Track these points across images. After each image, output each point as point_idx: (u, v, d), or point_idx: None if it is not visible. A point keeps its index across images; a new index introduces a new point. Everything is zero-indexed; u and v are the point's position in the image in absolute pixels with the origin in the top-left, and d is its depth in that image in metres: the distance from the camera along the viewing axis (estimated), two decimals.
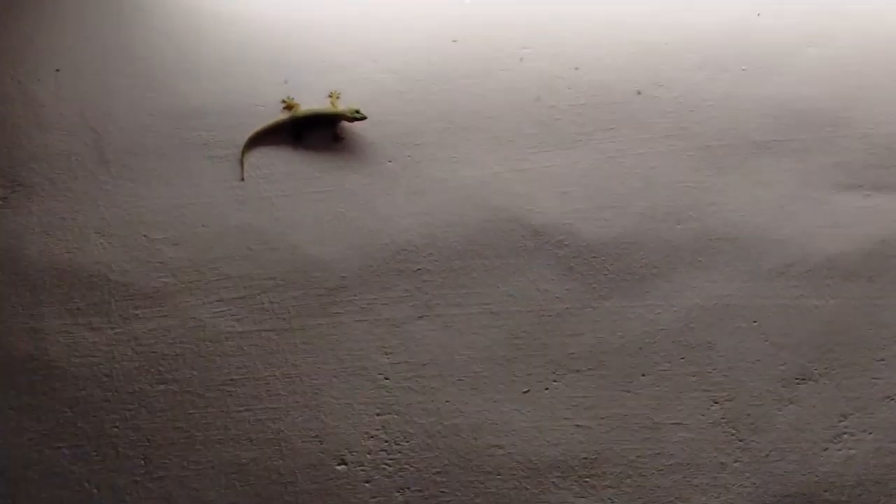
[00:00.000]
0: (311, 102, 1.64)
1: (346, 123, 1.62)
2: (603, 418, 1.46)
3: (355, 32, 1.71)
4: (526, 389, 1.48)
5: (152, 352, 1.53)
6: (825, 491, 1.42)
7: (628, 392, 1.47)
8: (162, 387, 1.51)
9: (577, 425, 1.46)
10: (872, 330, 1.47)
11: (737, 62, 1.63)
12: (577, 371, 1.48)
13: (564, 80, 1.64)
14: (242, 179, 1.60)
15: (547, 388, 1.48)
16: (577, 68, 1.64)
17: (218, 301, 1.55)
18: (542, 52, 1.66)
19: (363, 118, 1.60)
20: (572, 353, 1.49)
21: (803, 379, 1.47)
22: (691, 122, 1.59)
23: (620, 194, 1.56)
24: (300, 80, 1.67)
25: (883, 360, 1.47)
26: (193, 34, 1.72)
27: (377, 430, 1.47)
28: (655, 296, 1.51)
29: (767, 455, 1.45)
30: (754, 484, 1.43)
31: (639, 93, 1.62)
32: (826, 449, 1.44)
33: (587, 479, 1.43)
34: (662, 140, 1.58)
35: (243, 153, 1.61)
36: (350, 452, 1.47)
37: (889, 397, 1.45)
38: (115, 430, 1.50)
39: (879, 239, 1.51)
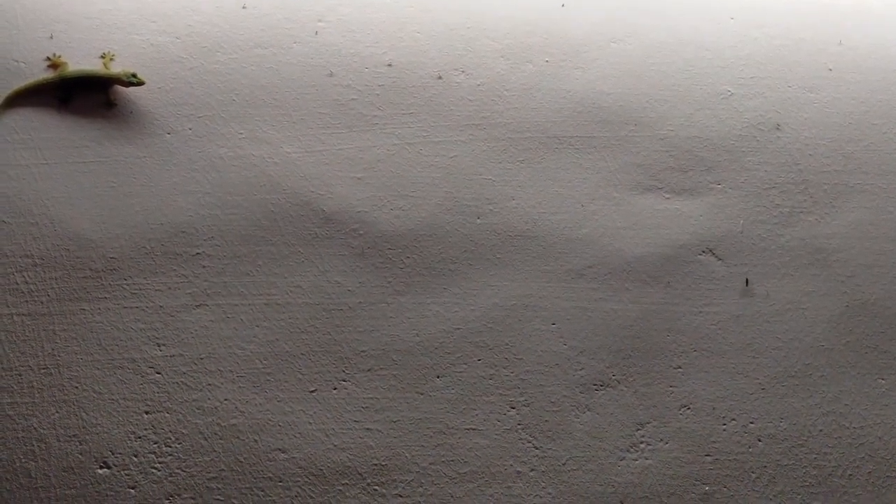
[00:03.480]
0: (81, 62, 2.40)
1: (120, 88, 2.40)
2: (395, 422, 2.29)
3: None
4: (313, 389, 2.29)
5: None
6: (620, 502, 2.42)
7: (422, 394, 2.32)
8: None
9: (367, 429, 2.28)
10: (670, 336, 2.43)
11: (540, 53, 2.58)
12: (369, 370, 2.32)
13: (362, 58, 2.52)
14: None
15: (335, 388, 2.30)
16: (375, 47, 2.54)
17: None
18: (339, 26, 2.54)
19: (140, 83, 2.38)
20: (364, 351, 2.33)
21: (601, 385, 2.42)
22: (492, 112, 2.51)
23: (418, 183, 2.44)
24: (68, 36, 2.43)
25: (680, 367, 2.42)
26: None
27: (145, 429, 2.22)
28: (453, 293, 2.39)
29: (564, 464, 2.37)
30: (550, 494, 2.35)
31: (439, 77, 2.53)
32: (622, 458, 2.40)
33: (376, 487, 2.24)
34: (463, 129, 2.49)
35: None
36: (113, 454, 2.20)
37: (685, 406, 2.43)
38: None
39: (678, 244, 2.49)
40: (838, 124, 2.66)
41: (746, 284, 2.52)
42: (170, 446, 2.26)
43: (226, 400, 2.30)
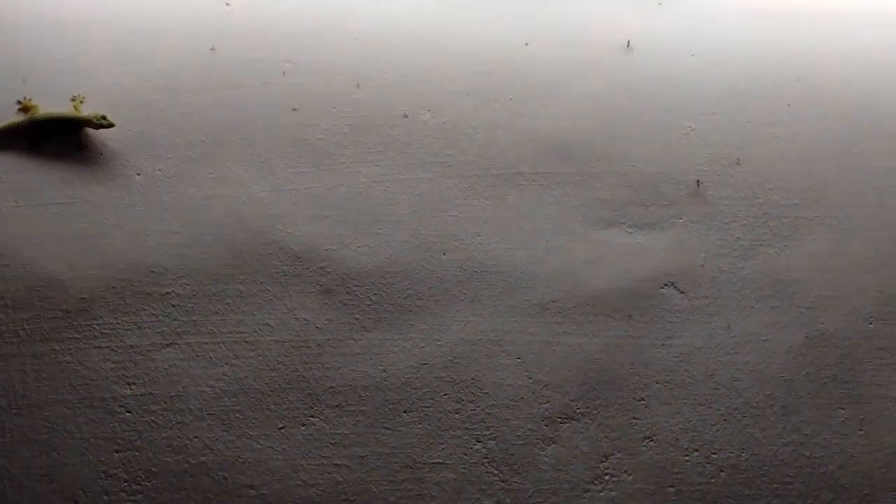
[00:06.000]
0: (52, 105, 2.48)
1: (90, 130, 2.47)
2: (363, 457, 2.36)
3: (103, 32, 2.58)
4: (281, 425, 2.35)
5: None
6: None
7: (390, 429, 2.39)
8: None
9: (336, 464, 2.35)
10: (633, 369, 2.49)
11: (504, 91, 2.67)
12: (337, 406, 2.39)
13: (328, 97, 2.61)
14: None
15: (304, 424, 2.37)
16: (342, 87, 2.62)
17: None
18: (306, 66, 2.63)
19: (110, 125, 2.45)
20: (331, 388, 2.40)
21: (566, 418, 2.50)
22: (458, 150, 2.60)
23: (384, 221, 2.52)
24: (40, 80, 2.51)
25: (643, 400, 2.50)
26: None
27: (116, 468, 2.28)
28: (420, 329, 2.46)
29: (530, 496, 2.43)
30: None
31: (405, 116, 2.62)
32: (587, 491, 2.47)
33: None
34: (428, 167, 2.57)
35: None
36: (84, 493, 2.26)
37: (649, 437, 2.51)
38: None
39: (640, 277, 2.57)
40: (797, 158, 2.74)
41: (698, 185, 2.65)
42: (140, 484, 2.32)
43: (195, 438, 2.36)
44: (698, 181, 2.64)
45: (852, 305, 2.63)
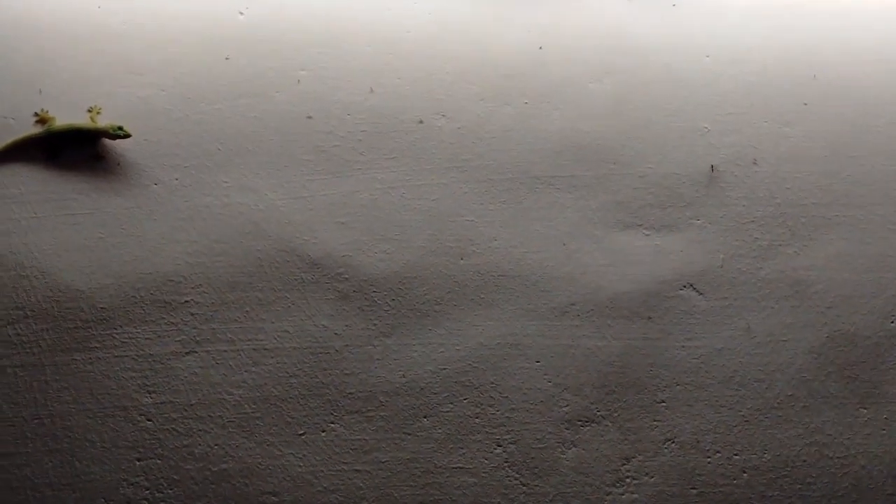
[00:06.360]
0: (69, 116, 2.49)
1: (107, 141, 2.48)
2: (383, 462, 2.38)
3: (118, 43, 2.59)
4: (301, 432, 2.37)
5: None
6: None
7: (410, 434, 2.40)
8: None
9: (356, 470, 2.37)
10: (653, 371, 2.51)
11: (519, 95, 2.67)
12: (357, 412, 2.41)
13: (343, 104, 2.61)
14: None
15: (324, 431, 2.39)
16: (356, 94, 2.63)
17: None
18: (320, 74, 2.63)
19: (127, 136, 2.47)
20: (351, 393, 2.41)
21: (586, 421, 2.51)
22: (473, 155, 2.61)
23: (401, 227, 2.54)
24: (57, 91, 2.52)
25: (663, 402, 2.51)
26: None
27: (138, 476, 2.30)
28: (438, 333, 2.48)
29: (551, 500, 2.44)
30: None
31: (420, 122, 2.63)
32: (609, 493, 2.47)
33: None
34: (444, 172, 2.58)
35: None
36: (107, 502, 2.28)
37: (669, 440, 2.52)
38: None
39: (659, 279, 2.58)
40: (815, 157, 2.73)
41: (712, 170, 2.66)
42: (162, 492, 2.34)
43: (216, 445, 2.38)
44: (712, 166, 2.64)
45: (873, 304, 2.62)
